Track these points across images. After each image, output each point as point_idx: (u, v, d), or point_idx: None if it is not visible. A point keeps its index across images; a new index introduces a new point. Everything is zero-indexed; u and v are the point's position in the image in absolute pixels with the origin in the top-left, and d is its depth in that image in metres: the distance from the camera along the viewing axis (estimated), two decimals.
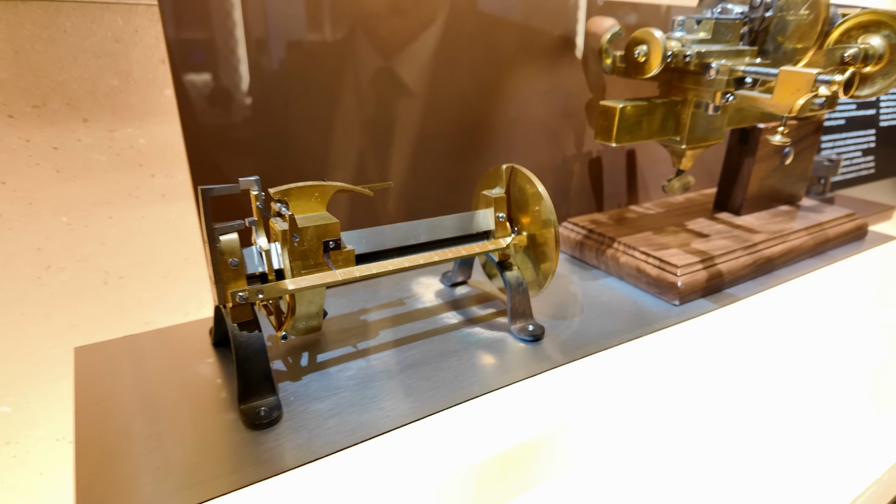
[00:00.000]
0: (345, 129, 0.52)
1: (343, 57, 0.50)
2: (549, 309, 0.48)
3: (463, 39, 0.56)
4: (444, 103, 0.56)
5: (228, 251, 0.33)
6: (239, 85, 0.46)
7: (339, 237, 0.36)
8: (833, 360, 0.52)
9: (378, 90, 0.52)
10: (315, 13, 0.48)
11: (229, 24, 0.45)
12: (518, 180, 0.45)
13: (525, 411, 0.36)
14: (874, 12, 0.57)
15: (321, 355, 0.40)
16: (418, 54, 0.53)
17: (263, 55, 0.46)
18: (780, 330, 0.49)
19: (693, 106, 0.51)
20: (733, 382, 0.44)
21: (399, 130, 0.54)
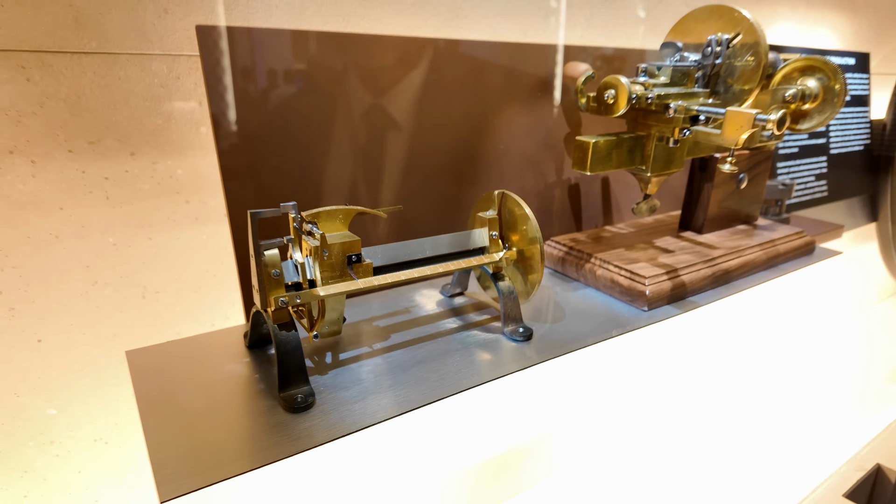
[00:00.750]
0: (356, 161, 0.59)
1: (358, 97, 0.57)
2: (537, 314, 0.55)
3: (457, 82, 0.64)
4: (442, 137, 0.64)
5: (271, 264, 0.40)
6: (265, 121, 0.53)
7: (360, 252, 0.43)
8: (783, 358, 0.60)
9: (385, 127, 0.60)
10: (329, 64, 0.56)
11: (255, 72, 0.52)
12: (508, 203, 0.53)
13: (518, 397, 0.43)
14: (809, 58, 0.67)
15: (343, 354, 0.47)
16: (420, 96, 0.61)
17: (285, 96, 0.54)
18: (736, 331, 0.57)
19: (656, 140, 0.59)
20: (695, 375, 0.51)
21: (402, 162, 0.62)
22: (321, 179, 0.57)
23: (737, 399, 0.51)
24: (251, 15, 0.53)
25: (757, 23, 0.60)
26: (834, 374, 0.77)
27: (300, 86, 0.54)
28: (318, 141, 0.56)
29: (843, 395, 0.76)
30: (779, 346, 0.62)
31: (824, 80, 0.66)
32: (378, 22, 0.60)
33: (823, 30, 1.16)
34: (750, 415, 0.52)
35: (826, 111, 0.66)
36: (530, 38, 0.72)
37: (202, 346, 0.49)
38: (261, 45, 0.52)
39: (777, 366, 0.59)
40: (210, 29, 0.50)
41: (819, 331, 0.73)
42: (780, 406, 0.57)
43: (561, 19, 0.74)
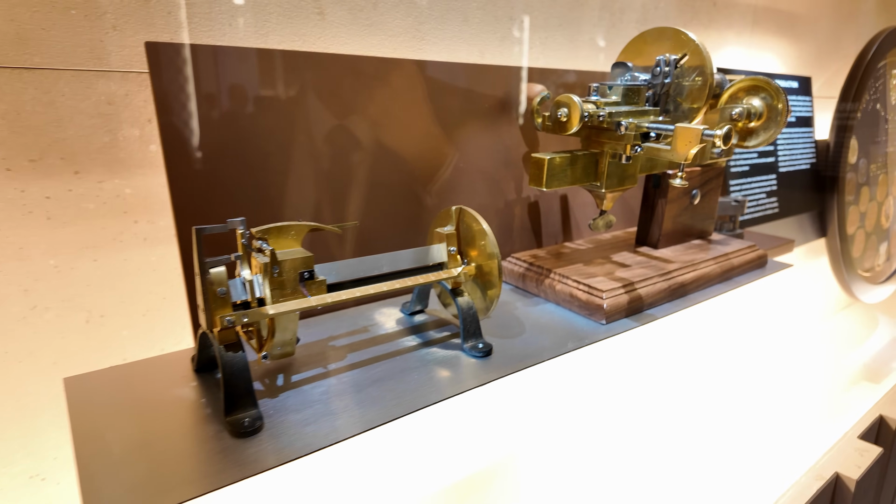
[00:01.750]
0: (315, 179, 0.58)
1: (315, 115, 0.57)
2: (497, 330, 0.55)
3: (416, 102, 0.64)
4: (402, 156, 0.64)
5: (217, 281, 0.39)
6: (218, 139, 0.52)
7: (312, 269, 0.43)
8: (739, 369, 0.61)
9: (344, 146, 0.60)
10: (285, 82, 0.55)
11: (207, 90, 0.51)
12: (466, 219, 0.53)
13: (479, 414, 0.42)
14: (754, 79, 0.70)
15: (295, 376, 0.45)
16: (379, 115, 0.61)
17: (240, 114, 0.53)
18: (693, 343, 0.58)
19: (609, 157, 0.60)
20: (653, 387, 0.52)
21: (361, 180, 0.62)
22: (278, 198, 0.56)
23: (695, 411, 0.52)
24: (204, 32, 0.53)
25: (702, 44, 0.63)
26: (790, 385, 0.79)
27: (255, 104, 0.54)
28: (274, 159, 0.55)
29: (800, 404, 0.78)
30: (735, 357, 0.63)
31: (768, 100, 0.69)
32: (335, 42, 0.61)
33: (768, 54, 1.22)
34: (708, 426, 0.52)
35: (771, 128, 0.69)
36: (487, 59, 0.74)
37: (147, 371, 0.47)
38: (214, 62, 0.51)
39: (733, 377, 0.60)
40: (160, 46, 0.49)
41: (773, 342, 0.75)
42: (738, 417, 0.58)
43: (517, 42, 0.76)
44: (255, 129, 0.54)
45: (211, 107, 0.52)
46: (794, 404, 0.84)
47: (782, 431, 0.81)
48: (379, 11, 0.63)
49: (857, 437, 0.91)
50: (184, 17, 0.51)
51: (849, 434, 0.90)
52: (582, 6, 0.82)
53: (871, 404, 0.99)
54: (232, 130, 0.53)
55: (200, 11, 0.52)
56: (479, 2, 0.70)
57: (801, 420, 0.87)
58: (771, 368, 0.67)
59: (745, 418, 0.66)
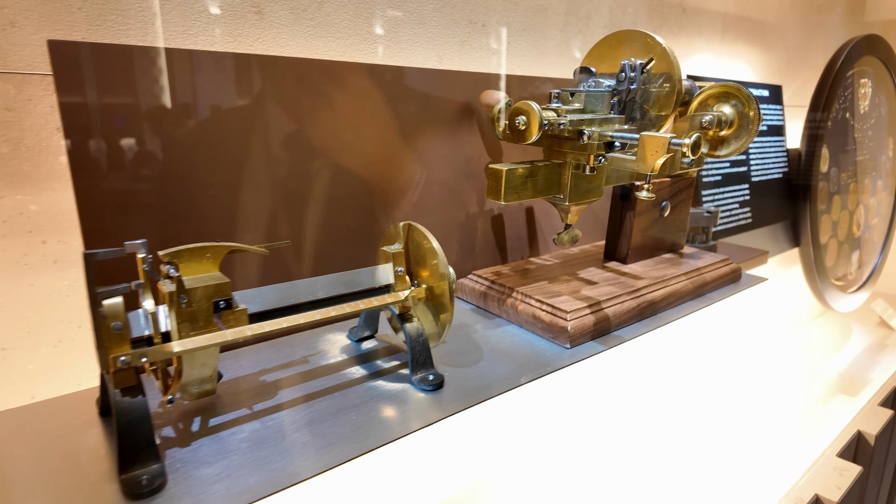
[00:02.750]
0: (252, 192, 0.53)
1: (251, 123, 0.52)
2: (452, 358, 0.50)
3: (368, 109, 0.59)
4: (351, 167, 0.59)
5: (111, 315, 0.33)
6: (137, 151, 0.47)
7: (230, 296, 0.37)
8: (713, 391, 0.57)
9: (286, 155, 0.54)
10: (215, 86, 0.50)
11: (127, 91, 0.46)
12: (415, 236, 0.48)
13: (423, 459, 0.37)
14: (724, 85, 0.66)
15: (214, 419, 0.40)
16: (326, 123, 0.56)
17: (164, 121, 0.48)
18: (663, 367, 0.53)
19: (572, 167, 0.56)
20: (618, 414, 0.47)
21: (308, 194, 0.56)
22: (209, 215, 0.51)
23: (667, 437, 0.48)
24: (121, 31, 0.47)
25: (670, 49, 0.59)
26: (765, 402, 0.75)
27: (180, 110, 0.48)
28: (202, 171, 0.50)
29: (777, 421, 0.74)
30: (708, 376, 0.60)
31: (739, 107, 0.66)
32: (275, 43, 0.56)
33: (739, 62, 1.20)
34: (683, 452, 0.48)
35: (742, 137, 0.66)
36: (446, 64, 0.69)
37: (50, 414, 0.41)
38: (130, 64, 0.46)
39: (707, 398, 0.56)
40: (66, 45, 0.43)
41: (748, 358, 0.72)
42: (713, 439, 0.54)
43: (478, 47, 0.72)
44: (180, 138, 0.49)
45: (126, 113, 0.46)
46: (770, 422, 0.80)
47: (759, 451, 0.77)
48: (325, 11, 0.58)
49: (836, 455, 0.88)
50: (95, 13, 0.46)
51: (827, 452, 0.87)
52: (546, 10, 0.79)
53: (848, 419, 0.96)
54: (151, 139, 0.47)
55: (116, 7, 0.47)
56: (436, 4, 0.66)
57: (778, 438, 0.83)
58: (746, 385, 0.64)
59: (721, 440, 0.62)
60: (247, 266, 0.53)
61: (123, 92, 0.46)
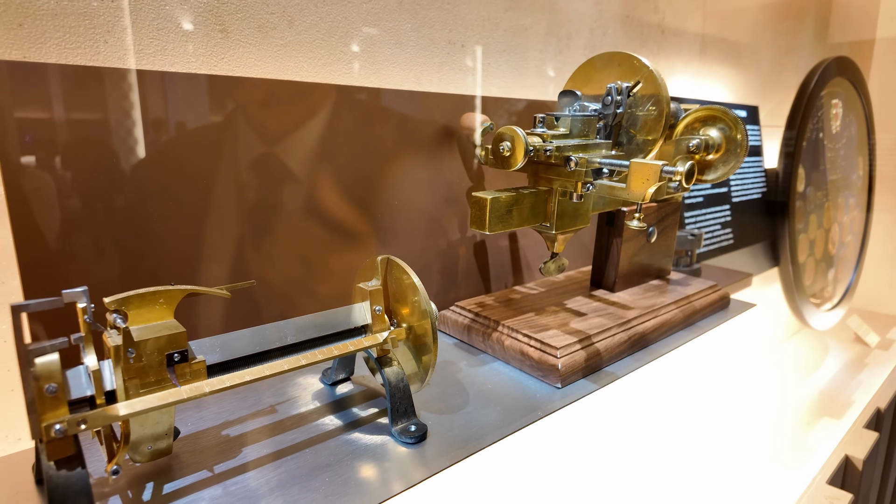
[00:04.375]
0: (214, 224, 0.49)
1: (213, 149, 0.48)
2: (435, 402, 0.47)
3: (341, 133, 0.56)
4: (323, 195, 0.55)
5: (45, 375, 0.29)
6: (83, 180, 0.42)
7: (185, 348, 0.33)
8: (703, 423, 0.54)
9: (251, 184, 0.51)
10: (175, 109, 0.46)
11: (68, 118, 0.42)
12: (394, 271, 0.45)
13: None
14: (710, 108, 0.65)
15: (169, 485, 0.35)
16: (297, 148, 0.53)
17: (110, 151, 0.43)
18: (657, 402, 0.51)
19: (559, 195, 0.54)
20: (616, 462, 0.44)
21: (275, 224, 0.53)
22: (165, 251, 0.46)
23: (662, 476, 0.45)
24: (71, 50, 0.43)
25: (657, 71, 0.58)
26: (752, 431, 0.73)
27: (135, 137, 0.44)
28: (158, 203, 0.46)
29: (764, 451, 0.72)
30: (700, 409, 0.57)
31: (726, 130, 0.64)
32: (241, 64, 0.52)
33: (717, 83, 1.21)
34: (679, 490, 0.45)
35: (730, 161, 0.64)
36: (425, 86, 0.66)
37: None
38: (79, 86, 0.42)
39: (699, 432, 0.54)
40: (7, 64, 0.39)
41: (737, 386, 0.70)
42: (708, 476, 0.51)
43: (458, 69, 0.69)
44: (135, 167, 0.44)
45: (73, 140, 0.42)
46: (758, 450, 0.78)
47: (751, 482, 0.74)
48: (295, 30, 0.55)
49: (826, 482, 0.86)
50: (48, 26, 0.41)
51: (817, 480, 0.85)
52: (526, 31, 0.77)
53: (834, 443, 0.95)
54: (100, 169, 0.43)
55: (69, 24, 0.42)
56: (413, 23, 0.64)
57: (768, 467, 0.81)
58: (734, 413, 0.61)
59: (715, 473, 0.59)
60: (209, 307, 0.49)
61: (66, 115, 0.41)
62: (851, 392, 1.31)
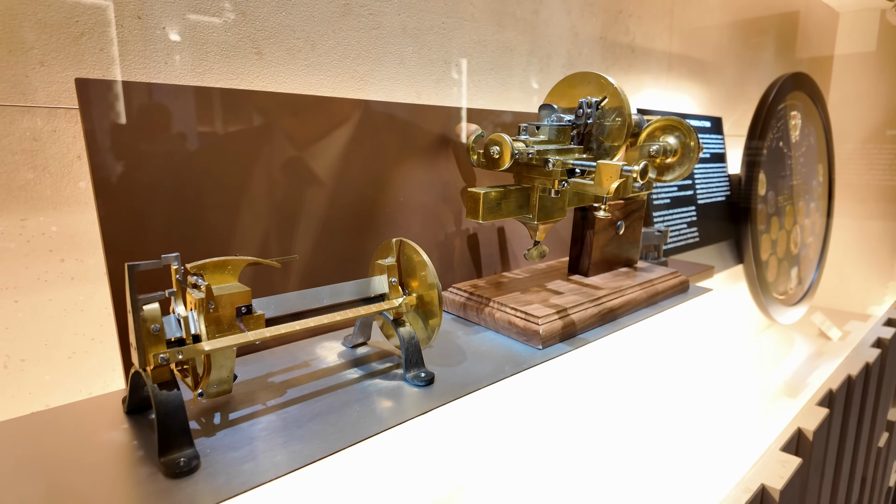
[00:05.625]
0: (252, 215, 0.58)
1: (252, 152, 0.58)
2: (439, 360, 0.56)
3: (355, 139, 0.66)
4: (340, 192, 0.65)
5: (150, 318, 0.38)
6: (152, 176, 0.52)
7: (250, 303, 0.43)
8: (665, 388, 0.65)
9: (284, 182, 0.60)
10: (223, 120, 0.56)
11: (141, 126, 0.51)
12: (406, 251, 0.54)
13: (422, 442, 0.43)
14: (668, 119, 0.76)
15: (233, 414, 0.44)
16: (318, 152, 0.62)
17: (177, 150, 0.53)
18: (621, 364, 0.61)
19: (539, 191, 0.64)
20: (585, 406, 0.54)
21: (302, 216, 0.62)
22: (214, 235, 0.56)
23: (627, 431, 0.54)
24: (138, 70, 0.53)
25: (620, 88, 0.69)
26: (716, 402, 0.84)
27: (190, 141, 0.54)
28: (210, 196, 0.55)
29: (726, 420, 0.83)
30: (663, 377, 0.67)
31: (681, 138, 0.75)
32: (273, 81, 0.62)
33: (683, 96, 1.33)
34: (641, 445, 0.55)
35: (685, 164, 0.76)
36: (424, 99, 0.77)
37: (73, 416, 0.45)
38: (148, 99, 0.51)
39: (663, 397, 0.64)
40: (91, 82, 0.49)
41: (699, 362, 0.80)
42: (669, 434, 0.61)
43: (452, 84, 0.80)
44: (191, 166, 0.54)
45: (144, 143, 0.51)
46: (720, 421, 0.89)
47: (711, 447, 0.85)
48: (317, 53, 0.65)
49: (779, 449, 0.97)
50: (116, 53, 0.51)
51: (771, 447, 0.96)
52: (511, 52, 0.88)
53: (790, 418, 1.06)
54: (166, 167, 0.52)
55: (135, 49, 0.52)
56: (414, 46, 0.74)
57: (728, 436, 0.92)
58: (698, 387, 0.71)
59: (676, 435, 0.69)
60: (261, 275, 0.58)
61: (141, 124, 0.51)
62: (810, 377, 1.44)
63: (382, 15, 0.70)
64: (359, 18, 0.68)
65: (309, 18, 0.63)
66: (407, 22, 0.73)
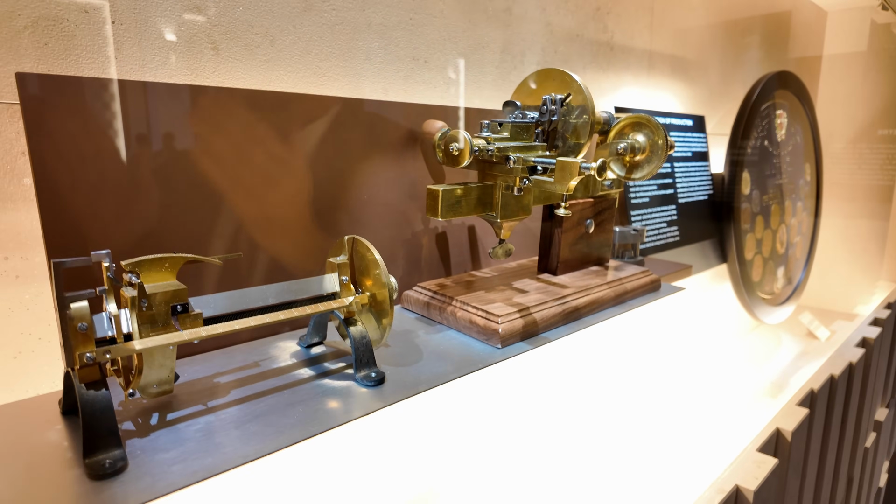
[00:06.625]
0: (203, 215, 0.57)
1: (205, 148, 0.57)
2: (394, 359, 0.55)
3: (316, 136, 0.65)
4: (300, 190, 0.64)
5: (78, 317, 0.37)
6: (98, 174, 0.51)
7: (186, 301, 0.42)
8: (639, 388, 0.64)
9: (238, 180, 0.59)
10: (177, 115, 0.55)
11: (90, 122, 0.50)
12: (359, 249, 0.54)
13: (368, 443, 0.42)
14: (637, 116, 0.75)
15: (171, 414, 0.44)
16: (275, 150, 0.62)
17: (125, 147, 0.52)
18: (583, 362, 0.60)
19: (502, 189, 0.63)
20: (548, 406, 0.53)
21: (258, 215, 0.61)
22: (164, 235, 0.55)
23: (594, 429, 0.54)
24: (85, 65, 0.52)
25: (584, 85, 0.68)
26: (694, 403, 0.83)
27: (141, 138, 0.53)
28: (161, 195, 0.54)
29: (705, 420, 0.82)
30: (637, 377, 0.66)
31: (650, 135, 0.74)
32: (230, 77, 0.61)
33: (666, 94, 1.32)
34: (608, 444, 0.54)
35: (654, 161, 0.75)
36: (391, 96, 0.76)
37: (9, 416, 0.44)
38: (95, 95, 0.50)
39: (636, 396, 0.63)
40: (33, 77, 0.48)
41: (678, 363, 0.79)
42: (641, 435, 0.60)
43: (421, 81, 0.79)
44: (141, 164, 0.53)
45: (90, 140, 0.50)
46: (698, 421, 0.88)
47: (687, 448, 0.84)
48: (277, 48, 0.64)
49: (756, 450, 0.96)
50: (62, 48, 0.50)
51: (748, 448, 0.95)
52: (484, 48, 0.87)
53: (769, 419, 1.05)
54: (113, 164, 0.51)
55: (82, 43, 0.51)
56: (381, 42, 0.73)
57: (706, 437, 0.91)
58: (676, 388, 0.71)
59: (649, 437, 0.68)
60: (206, 275, 0.57)
61: (88, 119, 0.50)
62: (795, 378, 1.43)
63: (346, 10, 0.69)
64: (321, 14, 0.67)
65: (268, 13, 0.63)
66: (372, 18, 0.72)
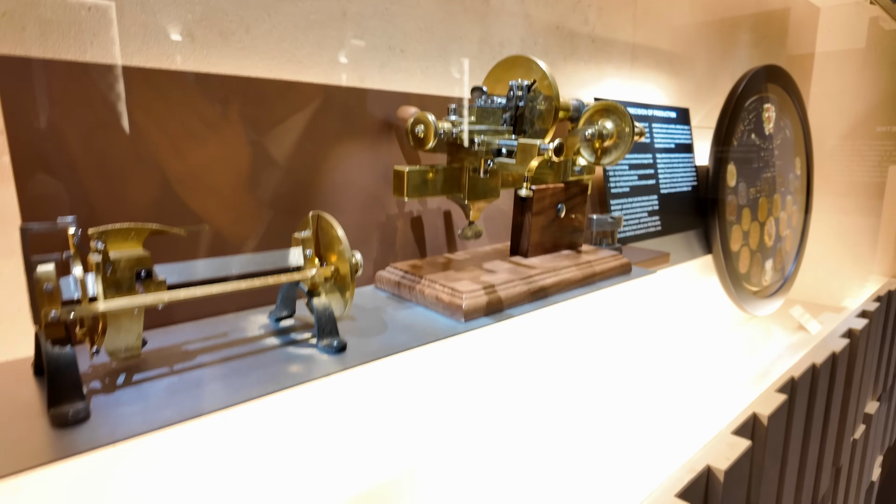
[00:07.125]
0: (175, 195, 0.60)
1: (178, 132, 0.59)
2: (359, 332, 0.58)
3: (291, 121, 0.67)
4: (274, 173, 0.67)
5: (44, 278, 0.40)
6: (73, 153, 0.53)
7: (150, 267, 0.44)
8: (597, 362, 0.66)
9: (214, 159, 0.62)
10: (148, 97, 0.57)
11: (67, 101, 0.53)
12: (323, 225, 0.56)
13: (326, 406, 0.44)
14: (605, 103, 0.77)
15: (137, 375, 0.46)
16: (249, 134, 0.64)
17: (97, 129, 0.55)
18: (545, 337, 0.62)
19: (470, 171, 0.65)
20: (506, 376, 0.55)
21: (231, 197, 0.64)
22: (137, 213, 0.57)
23: (557, 400, 0.56)
24: (62, 48, 0.54)
25: (549, 72, 0.70)
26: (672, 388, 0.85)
27: (116, 121, 0.56)
28: (136, 172, 0.57)
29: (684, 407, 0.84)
30: (603, 354, 0.68)
31: (617, 122, 0.77)
32: (205, 62, 0.64)
33: (650, 86, 1.34)
34: (577, 419, 0.56)
35: (621, 147, 0.77)
36: (368, 84, 0.78)
37: None
38: (71, 78, 0.53)
39: (602, 373, 0.65)
40: (9, 59, 0.50)
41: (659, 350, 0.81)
42: (610, 412, 0.62)
43: (398, 70, 0.81)
44: (116, 145, 0.56)
45: (67, 121, 0.53)
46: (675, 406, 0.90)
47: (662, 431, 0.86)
48: (252, 36, 0.66)
49: (731, 432, 0.98)
50: (39, 32, 0.53)
51: (723, 431, 0.97)
52: (461, 39, 0.89)
53: (746, 404, 1.07)
54: (90, 143, 0.54)
55: (58, 29, 0.54)
56: (357, 31, 0.76)
57: (681, 421, 0.93)
58: (651, 371, 0.72)
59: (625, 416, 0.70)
60: (175, 248, 0.59)
61: (64, 101, 0.53)
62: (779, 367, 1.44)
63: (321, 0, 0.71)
64: (296, 3, 0.69)
65: (242, 2, 0.65)
66: (348, 7, 0.75)
